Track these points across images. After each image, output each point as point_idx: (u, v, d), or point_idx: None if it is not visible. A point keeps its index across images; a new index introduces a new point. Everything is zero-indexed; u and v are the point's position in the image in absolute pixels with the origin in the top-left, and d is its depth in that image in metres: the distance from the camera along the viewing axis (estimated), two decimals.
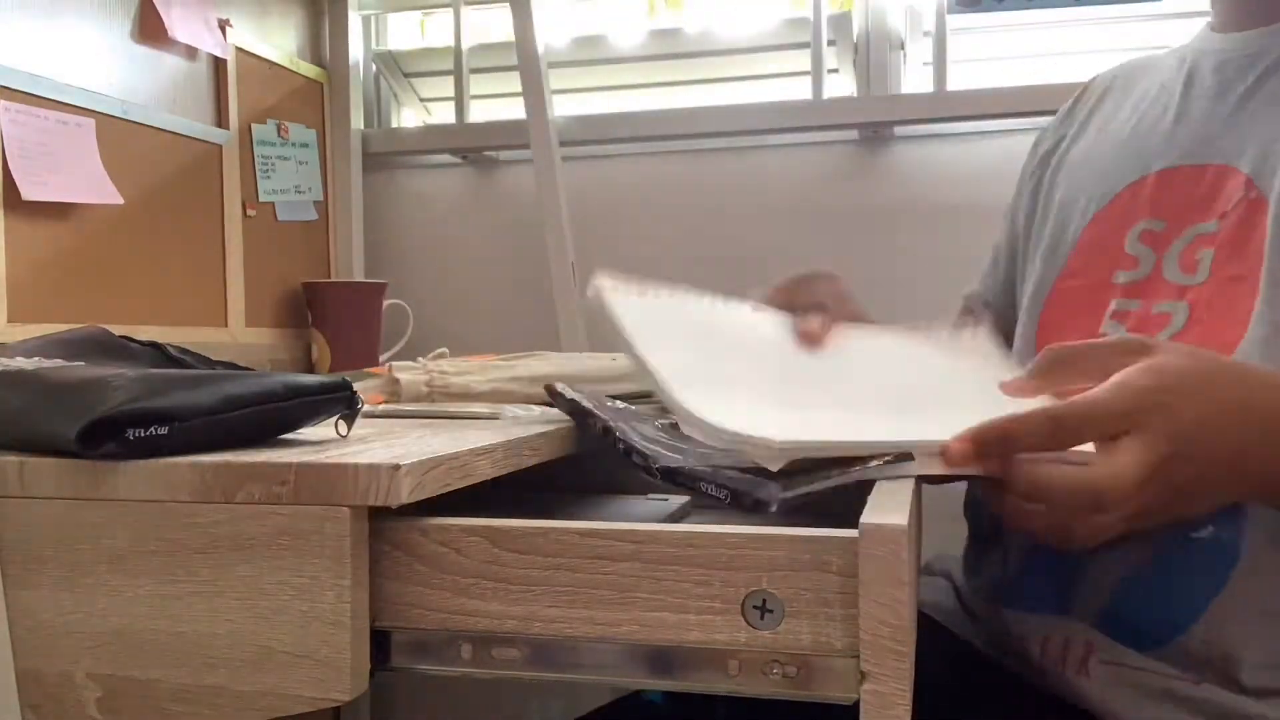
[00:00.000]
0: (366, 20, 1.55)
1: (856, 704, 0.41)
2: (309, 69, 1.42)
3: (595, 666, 0.45)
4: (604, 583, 0.44)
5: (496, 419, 0.69)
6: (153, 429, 0.48)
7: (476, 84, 1.52)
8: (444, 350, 0.86)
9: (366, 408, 0.75)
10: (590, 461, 0.72)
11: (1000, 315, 0.87)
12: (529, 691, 1.46)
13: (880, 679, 0.40)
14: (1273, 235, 0.64)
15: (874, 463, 0.51)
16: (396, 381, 0.79)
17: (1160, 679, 0.62)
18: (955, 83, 1.32)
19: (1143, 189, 0.74)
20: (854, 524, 0.41)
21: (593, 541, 0.44)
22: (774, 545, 0.42)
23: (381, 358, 1.38)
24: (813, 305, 0.71)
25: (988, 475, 0.52)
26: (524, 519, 0.47)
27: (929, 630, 0.78)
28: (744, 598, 0.42)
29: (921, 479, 0.51)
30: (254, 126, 1.31)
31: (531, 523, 0.46)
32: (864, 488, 0.48)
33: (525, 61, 1.38)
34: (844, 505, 0.47)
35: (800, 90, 1.40)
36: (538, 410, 0.74)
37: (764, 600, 0.42)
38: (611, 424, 0.59)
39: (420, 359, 0.84)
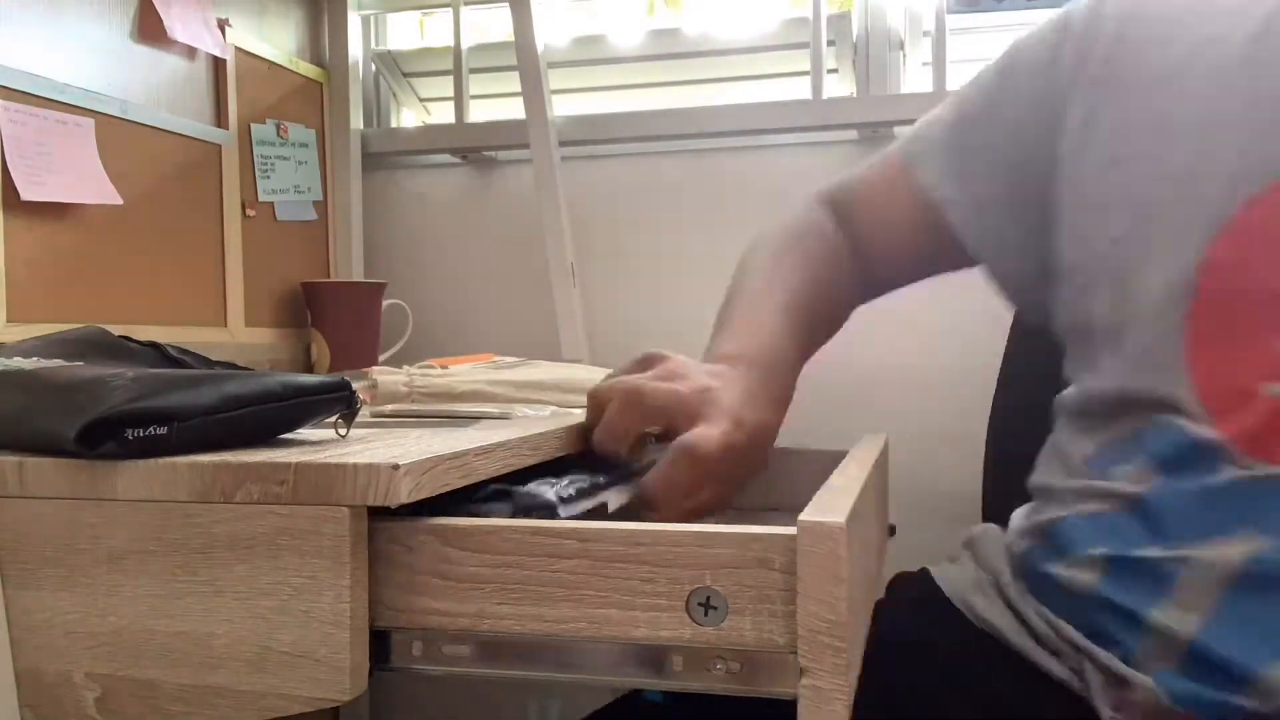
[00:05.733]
0: (366, 20, 1.55)
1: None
2: (308, 69, 1.42)
3: (544, 663, 0.45)
4: (552, 580, 0.44)
5: (506, 418, 0.69)
6: (152, 429, 0.48)
7: (476, 84, 1.52)
8: (430, 362, 0.87)
9: (384, 408, 0.75)
10: None
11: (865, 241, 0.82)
12: (528, 692, 1.46)
13: (818, 674, 0.41)
14: None
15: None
16: (375, 383, 0.80)
17: None
18: (955, 83, 1.32)
19: None
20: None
21: (541, 539, 0.44)
22: (718, 543, 0.42)
23: (381, 357, 1.38)
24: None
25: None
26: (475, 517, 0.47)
27: (980, 641, 0.69)
28: (689, 595, 0.43)
29: None
30: (253, 126, 1.31)
31: (481, 521, 0.46)
32: None
33: (525, 61, 1.38)
34: None
35: (799, 90, 1.40)
36: (548, 410, 0.74)
37: (708, 597, 0.42)
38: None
39: (405, 366, 0.84)
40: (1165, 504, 0.60)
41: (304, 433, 0.55)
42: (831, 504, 0.44)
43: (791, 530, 0.41)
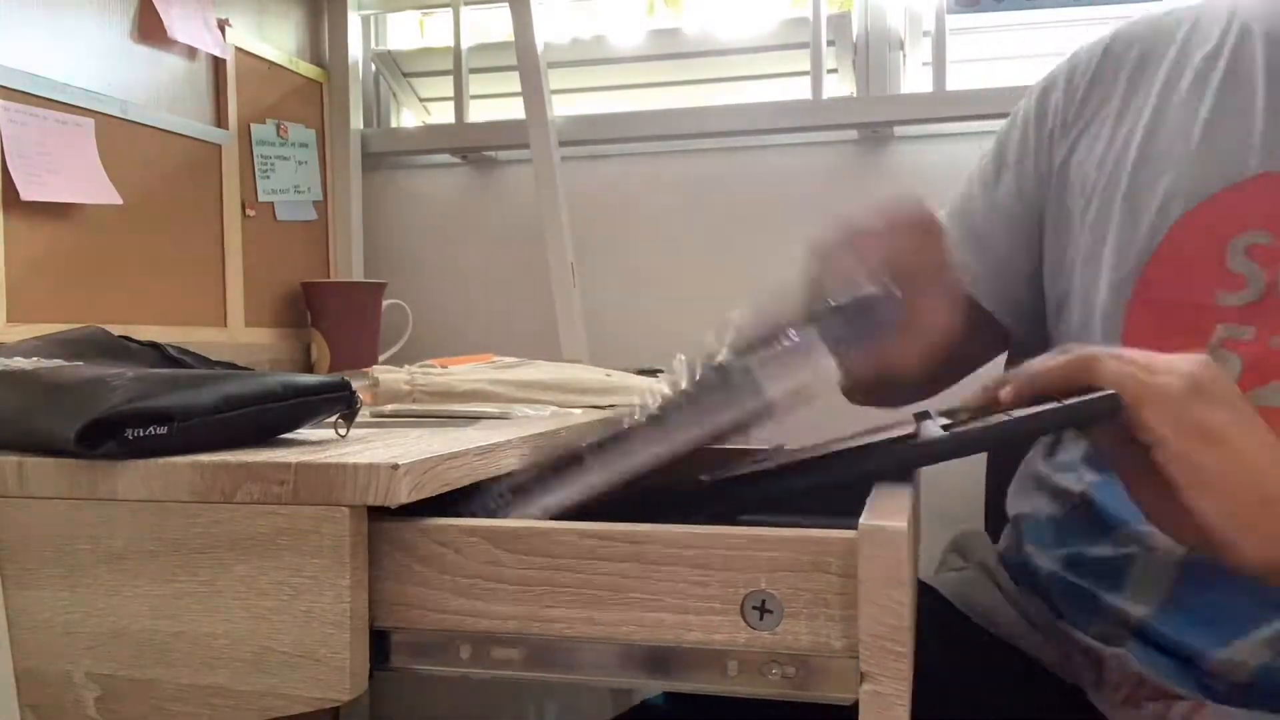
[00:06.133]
0: (366, 20, 1.55)
1: (856, 704, 0.41)
2: (308, 69, 1.42)
3: (594, 667, 0.45)
4: (603, 583, 0.44)
5: (506, 418, 0.69)
6: (152, 429, 0.48)
7: (476, 84, 1.52)
8: (430, 362, 0.86)
9: (384, 408, 0.75)
10: None
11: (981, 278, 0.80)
12: (529, 692, 1.46)
13: (879, 680, 0.40)
14: None
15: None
16: (377, 382, 0.80)
17: None
18: (954, 83, 1.32)
19: (1244, 194, 0.64)
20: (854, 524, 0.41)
21: (591, 542, 0.44)
22: (773, 546, 0.42)
23: (381, 357, 1.38)
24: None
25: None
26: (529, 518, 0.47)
27: (980, 638, 0.74)
28: (743, 598, 0.42)
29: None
30: (253, 126, 1.31)
31: (530, 523, 0.45)
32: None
33: (525, 61, 1.38)
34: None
35: (800, 90, 1.40)
36: (548, 410, 0.74)
37: (763, 601, 0.42)
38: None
39: (406, 366, 0.84)
40: (1107, 499, 0.66)
41: (304, 433, 0.55)
42: (891, 508, 0.44)
43: (850, 533, 0.41)
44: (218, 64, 1.25)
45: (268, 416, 0.52)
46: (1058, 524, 0.71)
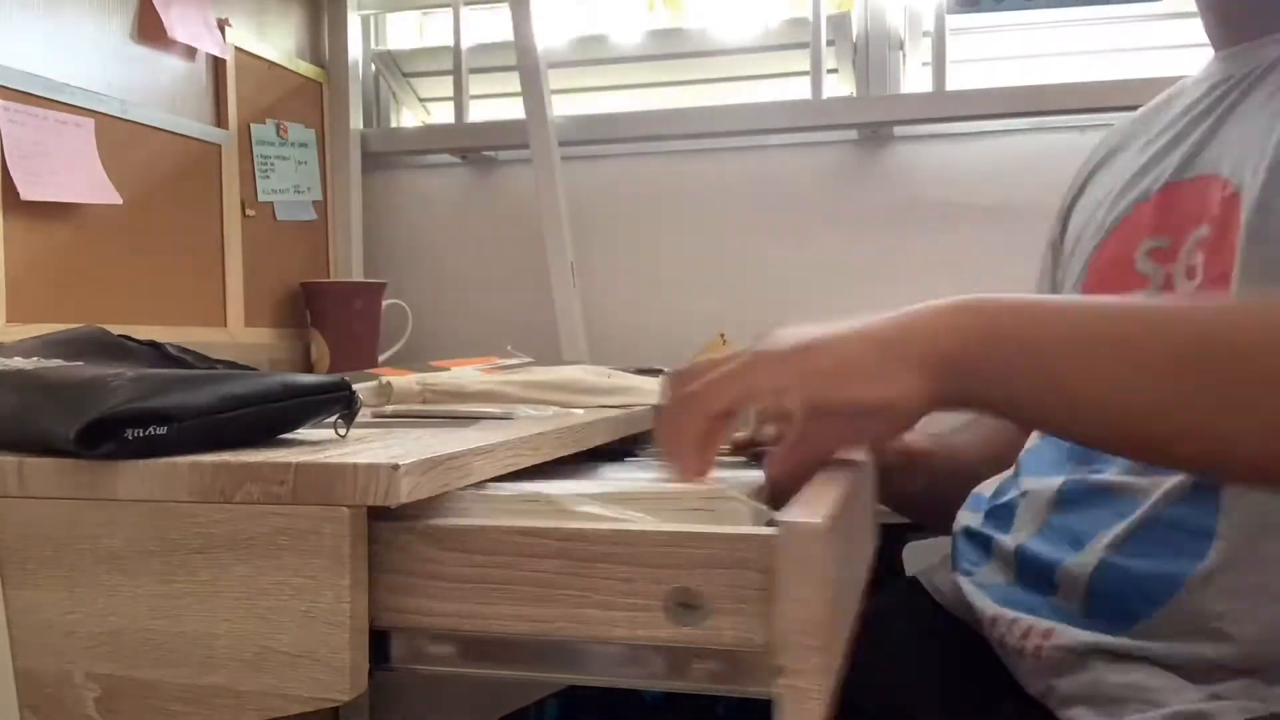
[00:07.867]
0: (365, 20, 1.55)
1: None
2: (308, 69, 1.42)
3: (526, 663, 0.46)
4: (533, 580, 0.44)
5: (508, 418, 0.69)
6: (151, 429, 0.48)
7: (476, 84, 1.52)
8: (433, 364, 0.87)
9: (384, 408, 0.75)
10: None
11: None
12: (530, 692, 1.46)
13: (794, 674, 0.40)
14: (1246, 226, 0.64)
15: None
16: (389, 385, 0.80)
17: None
18: (954, 83, 1.32)
19: (1145, 210, 0.75)
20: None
21: (522, 539, 0.44)
22: (698, 543, 0.42)
23: (380, 357, 1.38)
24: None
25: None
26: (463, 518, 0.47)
27: (946, 622, 0.79)
28: (668, 595, 0.43)
29: None
30: (253, 126, 1.31)
31: (466, 521, 0.46)
32: None
33: (525, 61, 1.38)
34: None
35: (799, 90, 1.40)
36: (550, 411, 0.74)
37: (688, 598, 0.42)
38: None
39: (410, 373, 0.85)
40: (1028, 456, 0.77)
41: (304, 433, 0.55)
42: (813, 503, 0.44)
43: (770, 530, 0.41)
44: (218, 64, 1.25)
45: (268, 416, 0.52)
46: (999, 484, 0.79)
